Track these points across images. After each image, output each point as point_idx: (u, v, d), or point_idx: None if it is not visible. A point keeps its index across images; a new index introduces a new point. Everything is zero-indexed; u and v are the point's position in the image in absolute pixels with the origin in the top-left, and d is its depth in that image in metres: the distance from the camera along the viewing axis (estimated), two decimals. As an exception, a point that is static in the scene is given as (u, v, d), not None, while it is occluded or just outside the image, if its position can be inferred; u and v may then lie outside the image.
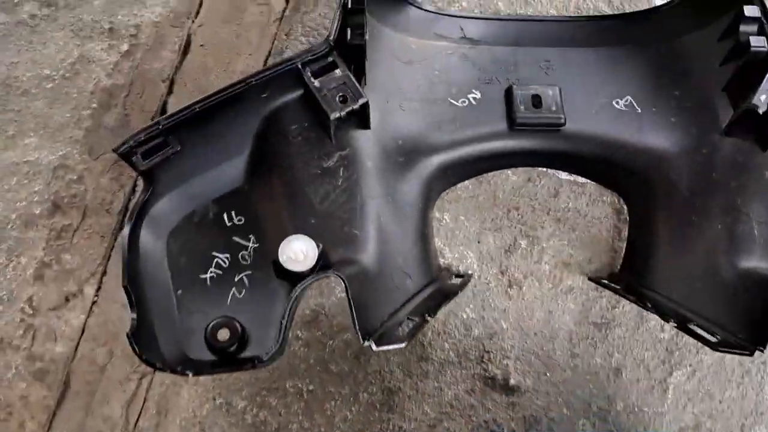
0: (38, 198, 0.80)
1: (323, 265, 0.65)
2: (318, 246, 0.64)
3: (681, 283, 0.70)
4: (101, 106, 0.82)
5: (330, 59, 0.66)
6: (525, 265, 0.78)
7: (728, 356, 0.76)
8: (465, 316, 0.77)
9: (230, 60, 0.81)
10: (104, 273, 0.80)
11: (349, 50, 0.67)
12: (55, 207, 0.80)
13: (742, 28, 0.68)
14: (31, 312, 0.78)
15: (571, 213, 0.79)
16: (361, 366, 0.76)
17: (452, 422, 0.75)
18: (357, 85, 0.65)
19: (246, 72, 0.80)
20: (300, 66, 0.65)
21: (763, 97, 0.66)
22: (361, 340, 0.60)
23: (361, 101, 0.65)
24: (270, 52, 0.82)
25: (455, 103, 0.75)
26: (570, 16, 0.80)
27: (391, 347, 0.63)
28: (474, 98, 0.76)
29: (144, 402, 0.77)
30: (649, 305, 0.70)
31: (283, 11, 0.83)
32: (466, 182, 0.79)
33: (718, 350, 0.64)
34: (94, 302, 0.80)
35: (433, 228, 0.78)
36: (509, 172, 0.79)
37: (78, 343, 0.79)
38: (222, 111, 0.66)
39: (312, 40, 0.81)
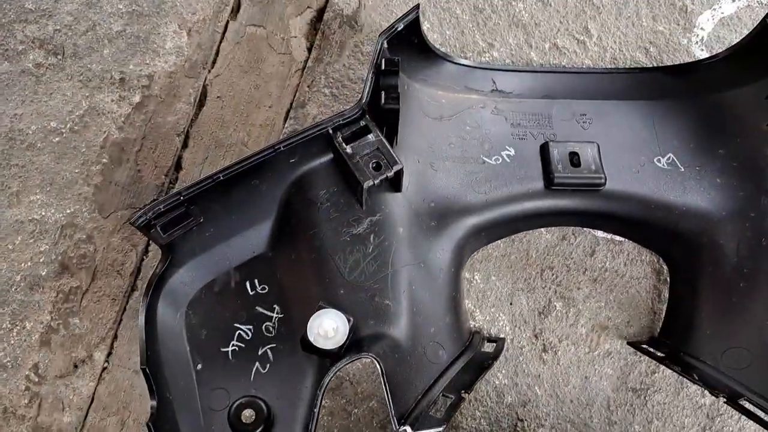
0: (44, 258, 0.76)
1: (354, 340, 0.61)
2: (349, 320, 0.61)
3: (730, 354, 0.67)
4: (112, 161, 0.78)
5: (362, 123, 0.62)
6: (560, 328, 0.74)
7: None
8: (497, 383, 0.73)
9: (249, 113, 0.77)
10: (115, 338, 0.76)
11: (381, 113, 0.63)
12: (63, 268, 0.76)
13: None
14: (37, 380, 0.74)
15: (609, 273, 0.75)
16: (388, 436, 0.72)
17: (483, 495, 0.71)
18: (391, 151, 0.61)
19: (265, 125, 0.76)
20: (331, 131, 0.61)
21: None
22: (396, 426, 0.57)
23: (396, 168, 0.61)
24: (291, 104, 0.77)
25: (489, 160, 0.71)
26: (607, 68, 0.77)
27: (422, 430, 0.59)
28: (508, 155, 0.72)
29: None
30: (696, 377, 0.66)
31: (306, 62, 0.79)
32: (497, 242, 0.75)
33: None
34: (104, 369, 0.75)
35: (464, 289, 0.74)
36: (543, 230, 0.75)
37: (87, 413, 0.74)
38: (247, 178, 0.62)
39: (336, 92, 0.77)
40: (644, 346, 0.73)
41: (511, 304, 0.75)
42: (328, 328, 0.60)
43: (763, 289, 0.66)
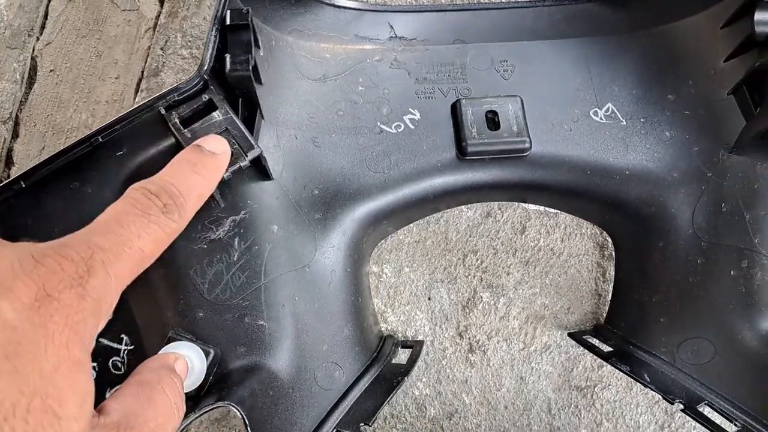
0: None
1: (219, 375, 0.48)
2: (209, 353, 0.47)
3: (688, 347, 0.55)
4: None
5: (205, 98, 0.47)
6: (488, 323, 0.61)
7: (741, 414, 0.61)
8: (417, 393, 0.61)
9: (91, 87, 0.62)
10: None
11: (234, 83, 0.48)
12: None
13: (758, 15, 0.51)
14: None
15: (543, 252, 0.62)
16: (292, 468, 0.60)
17: None
18: (245, 132, 0.47)
19: (113, 101, 0.61)
20: (164, 111, 0.46)
21: (785, 112, 0.49)
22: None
23: (252, 154, 0.46)
24: (143, 72, 0.62)
25: (388, 129, 0.57)
26: (530, 1, 0.62)
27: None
28: (412, 120, 0.58)
29: None
30: (648, 378, 0.54)
31: (157, 18, 0.63)
32: (410, 226, 0.61)
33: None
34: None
35: (370, 288, 0.60)
36: (463, 207, 0.62)
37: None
38: (62, 181, 0.48)
39: (196, 53, 0.61)
40: (587, 337, 0.60)
41: (429, 298, 0.62)
42: (179, 368, 0.46)
43: (725, 266, 0.53)
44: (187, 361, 0.44)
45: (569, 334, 0.61)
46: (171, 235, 0.35)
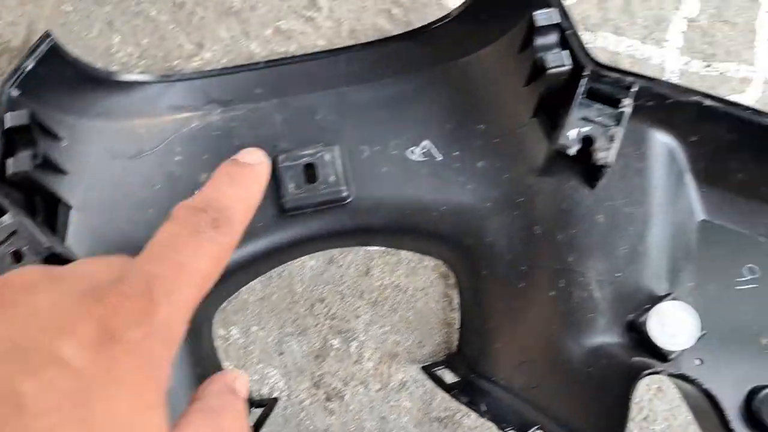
0: None
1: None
2: None
3: (522, 369, 0.55)
4: None
5: (-12, 203, 0.47)
6: (343, 369, 0.62)
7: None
8: (282, 449, 0.61)
9: None
10: None
11: (20, 183, 0.49)
12: None
13: (538, 41, 0.52)
14: None
15: (389, 290, 0.63)
16: None
17: None
18: (35, 232, 0.47)
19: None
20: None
21: (571, 133, 0.50)
22: None
23: (43, 253, 0.47)
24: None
25: (206, 194, 0.57)
26: (336, 48, 0.63)
27: None
28: (232, 181, 0.58)
29: None
30: (485, 408, 0.54)
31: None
32: (252, 282, 0.62)
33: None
34: None
35: (215, 354, 0.61)
36: (307, 258, 0.62)
37: None
38: None
39: None
40: (438, 370, 0.61)
41: (281, 353, 0.62)
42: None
43: (544, 287, 0.54)
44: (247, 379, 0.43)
45: (422, 368, 0.62)
46: (227, 249, 0.32)
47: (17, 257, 0.47)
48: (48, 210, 0.51)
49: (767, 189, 0.54)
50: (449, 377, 0.60)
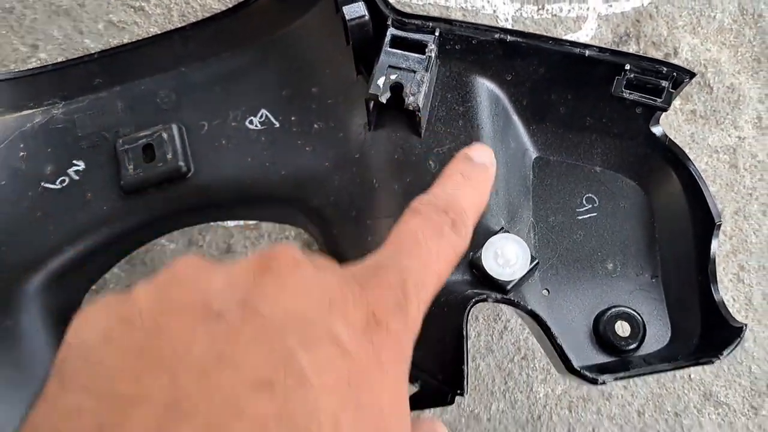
0: None
1: None
2: None
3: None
4: None
5: None
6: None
7: (482, 364, 0.63)
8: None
9: None
10: None
11: None
12: None
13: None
14: None
15: (254, 263, 0.62)
16: None
17: None
18: None
19: None
20: None
21: (380, 81, 0.50)
22: None
23: None
24: None
25: (52, 186, 0.57)
26: (173, 29, 0.62)
27: None
28: (77, 171, 0.58)
29: None
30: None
31: None
32: (116, 269, 0.61)
33: (415, 409, 0.49)
34: None
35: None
36: (164, 240, 0.62)
37: None
38: None
39: None
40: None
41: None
42: None
43: (382, 230, 0.54)
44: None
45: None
46: (459, 255, 0.31)
47: None
48: None
49: (593, 119, 0.55)
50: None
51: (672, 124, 0.65)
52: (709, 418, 0.63)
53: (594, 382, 0.45)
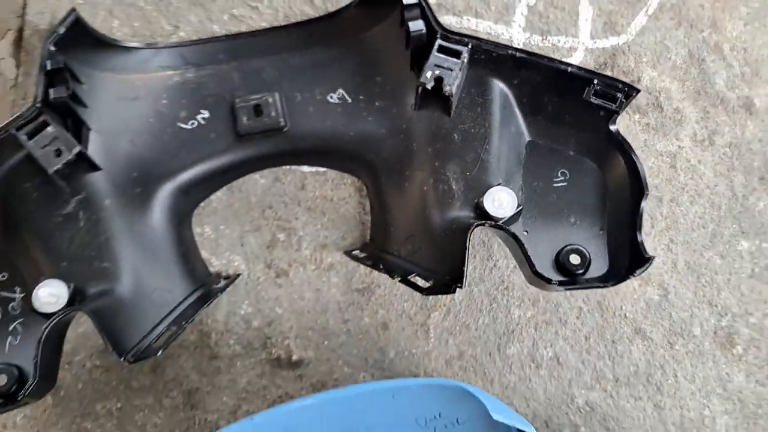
0: None
1: (80, 299, 0.70)
2: (69, 286, 0.70)
3: (407, 242, 0.79)
4: None
5: (41, 119, 0.70)
6: (287, 255, 0.85)
7: (476, 290, 0.86)
8: (243, 312, 0.84)
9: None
10: None
11: (58, 107, 0.72)
12: None
13: (406, 14, 0.76)
14: None
15: (319, 200, 0.86)
16: (158, 377, 0.82)
17: (250, 404, 0.83)
18: (69, 136, 0.70)
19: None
20: (14, 132, 0.69)
21: (428, 74, 0.73)
22: (119, 358, 0.66)
23: (75, 150, 0.70)
24: (11, 116, 0.85)
25: (185, 126, 0.81)
26: (279, 26, 0.86)
27: (145, 359, 0.70)
28: (203, 118, 0.82)
29: (-34, 456, 0.81)
30: (381, 267, 0.78)
31: (16, 78, 0.86)
32: (219, 194, 0.85)
33: (428, 294, 0.73)
34: None
35: (195, 242, 0.83)
36: (257, 176, 0.86)
37: None
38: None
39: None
40: (355, 252, 0.84)
41: (242, 245, 0.85)
42: (46, 295, 0.69)
43: (420, 185, 0.78)
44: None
45: (345, 253, 0.85)
46: None
47: (58, 154, 0.69)
48: (75, 130, 0.74)
49: (570, 117, 0.78)
50: (363, 258, 0.83)
51: (631, 131, 0.89)
52: (637, 347, 0.86)
53: (549, 281, 0.68)
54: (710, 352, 0.87)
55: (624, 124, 0.88)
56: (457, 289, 0.69)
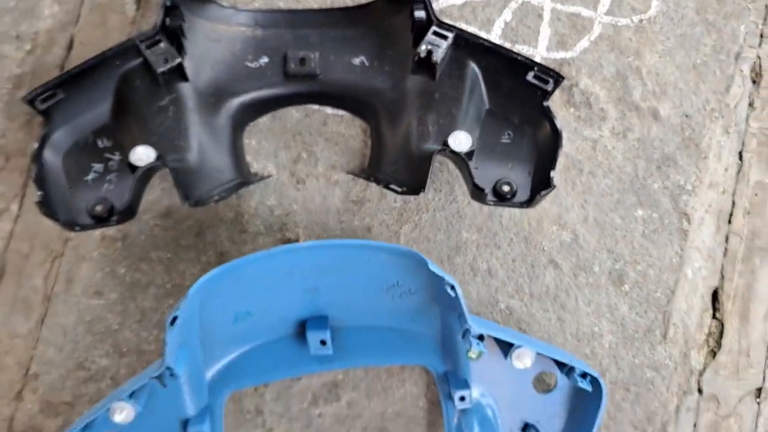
0: (-26, 149, 1.14)
1: (162, 161, 1.01)
2: (156, 152, 1.01)
3: (393, 165, 1.10)
4: (14, 87, 1.16)
5: (157, 38, 1.02)
6: (306, 169, 1.16)
7: (437, 214, 1.16)
8: (269, 203, 1.14)
9: (100, 50, 1.17)
10: (24, 195, 1.13)
11: (170, 32, 1.04)
12: (-13, 154, 1.14)
13: (414, 7, 1.08)
14: (-24, 224, 1.11)
15: (335, 134, 1.17)
16: (200, 239, 1.12)
17: (263, 270, 1.12)
18: (174, 51, 1.02)
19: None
20: (138, 42, 1.02)
21: (422, 48, 1.06)
22: (183, 201, 0.97)
23: (176, 61, 1.02)
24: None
25: (250, 65, 1.13)
26: (326, 8, 1.19)
27: (200, 206, 1.00)
28: (264, 62, 1.13)
29: (56, 275, 1.11)
30: (372, 179, 1.09)
31: (134, 17, 1.19)
32: (264, 118, 1.16)
33: (402, 194, 1.04)
34: (18, 215, 1.13)
35: (244, 148, 1.15)
36: (293, 110, 1.17)
37: (9, 242, 1.12)
38: (90, 73, 1.02)
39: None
40: (356, 174, 1.15)
41: (275, 156, 1.16)
42: (140, 152, 1.00)
43: (408, 126, 1.09)
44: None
45: (347, 172, 1.16)
46: None
47: (165, 61, 1.01)
48: (177, 50, 1.06)
49: (518, 94, 1.09)
50: (360, 174, 1.14)
51: (566, 120, 1.20)
52: (549, 273, 1.16)
53: (483, 191, 0.99)
54: (604, 286, 1.16)
55: (561, 115, 1.20)
56: (421, 193, 1.00)
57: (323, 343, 1.05)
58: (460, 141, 1.04)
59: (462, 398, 1.04)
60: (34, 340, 1.10)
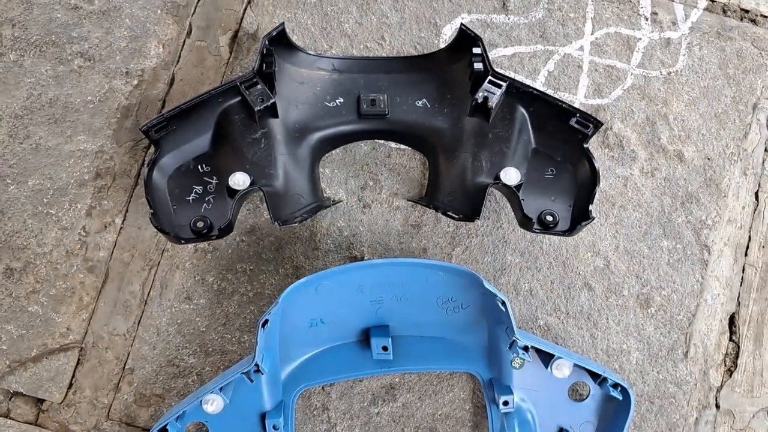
0: (87, 170, 1.28)
1: (254, 186, 1.15)
2: (251, 177, 1.15)
3: (449, 195, 1.23)
4: (122, 117, 1.31)
5: (255, 80, 1.17)
6: (372, 196, 1.29)
7: (485, 239, 1.28)
8: (339, 225, 1.27)
9: (198, 89, 1.31)
10: (127, 211, 1.27)
11: (265, 76, 1.18)
12: (97, 175, 1.28)
13: (473, 59, 1.22)
14: (85, 234, 1.25)
15: (398, 165, 1.30)
16: (279, 254, 1.25)
17: (333, 283, 1.25)
18: (269, 92, 1.16)
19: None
20: (239, 84, 1.16)
21: (480, 95, 1.19)
22: (273, 221, 1.10)
23: (271, 101, 1.15)
24: (221, 82, 1.32)
25: (328, 104, 1.27)
26: (394, 56, 1.33)
27: (288, 225, 1.14)
28: (339, 102, 1.27)
29: (153, 282, 1.24)
30: (431, 207, 1.22)
31: (229, 59, 1.34)
32: (337, 150, 1.30)
33: (458, 221, 1.16)
34: (121, 228, 1.27)
35: (320, 175, 1.28)
36: (363, 144, 1.30)
37: (112, 251, 1.25)
38: (197, 108, 1.16)
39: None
40: (415, 200, 1.28)
41: (346, 184, 1.29)
42: (238, 177, 1.13)
43: (463, 162, 1.21)
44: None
45: (408, 199, 1.29)
46: None
47: (261, 101, 1.15)
48: (270, 90, 1.20)
49: (561, 136, 1.22)
50: (419, 202, 1.27)
51: (602, 158, 1.32)
52: (584, 295, 1.27)
53: (530, 220, 1.12)
54: (632, 308, 1.28)
55: (597, 155, 1.32)
56: (476, 220, 1.13)
57: (385, 348, 1.17)
58: (511, 176, 1.17)
59: (506, 403, 1.15)
60: (132, 339, 1.23)
